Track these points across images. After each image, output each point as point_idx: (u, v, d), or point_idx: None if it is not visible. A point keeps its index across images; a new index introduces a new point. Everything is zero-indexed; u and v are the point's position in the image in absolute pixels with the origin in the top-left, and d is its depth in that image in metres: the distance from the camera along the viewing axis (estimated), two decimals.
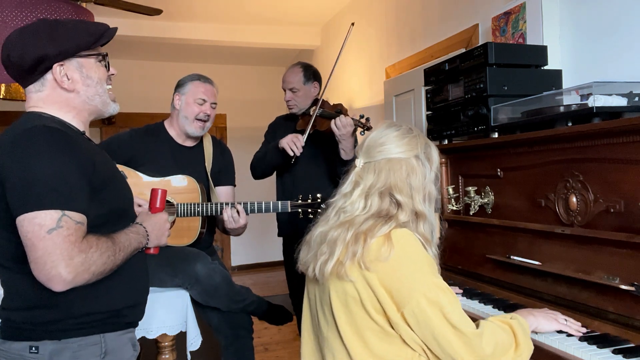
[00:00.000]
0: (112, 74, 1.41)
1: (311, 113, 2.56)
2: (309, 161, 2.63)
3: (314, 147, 2.61)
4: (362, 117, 2.37)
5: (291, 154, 2.46)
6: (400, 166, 1.28)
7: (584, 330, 1.35)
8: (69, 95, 1.31)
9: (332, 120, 2.38)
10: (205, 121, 2.30)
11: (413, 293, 1.14)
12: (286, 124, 2.81)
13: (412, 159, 1.29)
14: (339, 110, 2.50)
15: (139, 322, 1.46)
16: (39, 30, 1.27)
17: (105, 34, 1.35)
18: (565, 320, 1.35)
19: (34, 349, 1.21)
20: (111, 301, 1.30)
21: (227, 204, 2.21)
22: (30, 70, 1.27)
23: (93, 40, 1.32)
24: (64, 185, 1.16)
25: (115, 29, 1.38)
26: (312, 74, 2.74)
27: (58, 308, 1.22)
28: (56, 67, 1.27)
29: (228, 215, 2.17)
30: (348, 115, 2.40)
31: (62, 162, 1.17)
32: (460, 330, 1.13)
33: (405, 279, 1.15)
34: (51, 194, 1.14)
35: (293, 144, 2.46)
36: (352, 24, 2.65)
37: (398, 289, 1.15)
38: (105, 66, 1.38)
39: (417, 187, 1.28)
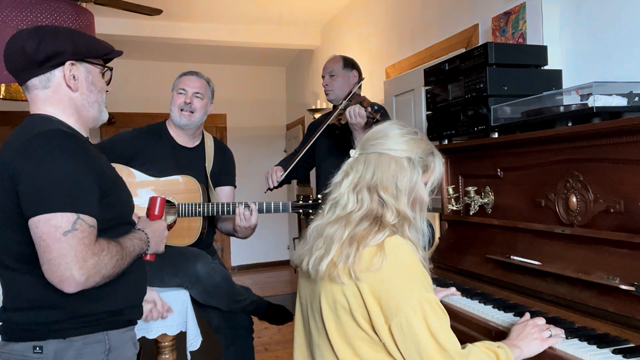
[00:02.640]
0: (107, 91, 1.48)
1: (339, 106, 2.55)
2: (338, 156, 2.60)
3: (343, 141, 2.57)
4: (376, 112, 2.32)
5: (268, 184, 2.51)
6: (389, 164, 1.24)
7: (563, 334, 1.33)
8: (72, 95, 1.35)
9: (347, 109, 2.34)
10: (190, 112, 2.26)
11: (402, 306, 1.11)
12: (323, 120, 2.79)
13: (404, 160, 1.24)
14: (361, 102, 2.47)
15: (139, 322, 1.49)
16: (58, 29, 1.35)
17: (113, 51, 1.44)
18: (549, 329, 1.32)
19: (38, 348, 1.22)
20: (115, 302, 1.32)
21: (228, 203, 2.21)
22: (41, 63, 1.30)
23: (104, 52, 1.41)
24: (78, 188, 1.19)
25: (120, 52, 1.47)
26: (350, 63, 2.75)
27: (64, 309, 1.24)
28: (68, 64, 1.32)
29: (240, 212, 2.17)
30: (368, 108, 2.35)
31: (76, 166, 1.21)
32: (445, 349, 1.10)
33: (395, 291, 1.12)
34: (67, 197, 1.17)
35: (271, 176, 2.51)
36: (363, 78, 2.73)
37: (387, 301, 1.12)
38: (107, 80, 1.45)
39: (403, 189, 1.23)
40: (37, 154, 1.19)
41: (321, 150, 2.71)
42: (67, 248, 1.14)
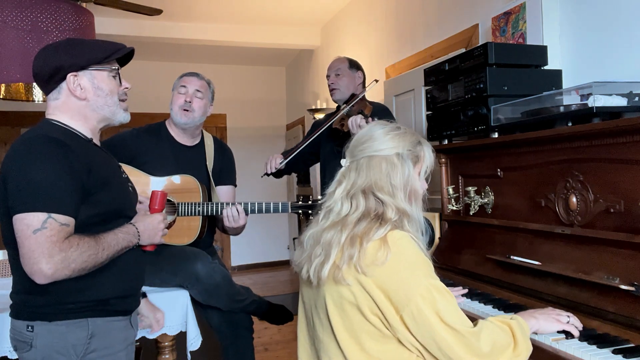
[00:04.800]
0: (126, 88, 1.54)
1: (341, 109, 2.55)
2: (338, 161, 2.58)
3: (342, 147, 2.55)
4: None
5: (265, 170, 2.52)
6: (379, 164, 1.26)
7: (581, 327, 1.35)
8: (80, 103, 1.45)
9: (349, 118, 2.35)
10: (187, 110, 2.27)
11: (411, 296, 1.13)
12: (327, 119, 2.79)
13: (393, 156, 1.26)
14: (362, 110, 2.46)
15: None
16: (59, 46, 1.45)
17: (119, 51, 1.49)
18: (568, 317, 1.35)
19: (30, 327, 1.37)
20: (99, 292, 1.41)
21: (227, 203, 2.21)
22: (48, 80, 1.43)
23: (105, 55, 1.46)
24: (53, 190, 1.30)
25: (131, 49, 1.51)
26: (355, 65, 2.77)
27: (50, 295, 1.35)
28: (70, 76, 1.42)
29: (227, 214, 2.17)
30: (369, 119, 2.34)
31: (54, 169, 1.31)
32: (456, 329, 1.13)
33: (403, 282, 1.15)
34: (40, 198, 1.29)
35: (270, 162, 2.51)
36: (376, 80, 2.69)
37: (396, 292, 1.14)
38: (118, 80, 1.51)
39: (398, 185, 1.25)
40: (20, 157, 1.33)
41: (326, 152, 2.71)
42: (35, 245, 1.26)
